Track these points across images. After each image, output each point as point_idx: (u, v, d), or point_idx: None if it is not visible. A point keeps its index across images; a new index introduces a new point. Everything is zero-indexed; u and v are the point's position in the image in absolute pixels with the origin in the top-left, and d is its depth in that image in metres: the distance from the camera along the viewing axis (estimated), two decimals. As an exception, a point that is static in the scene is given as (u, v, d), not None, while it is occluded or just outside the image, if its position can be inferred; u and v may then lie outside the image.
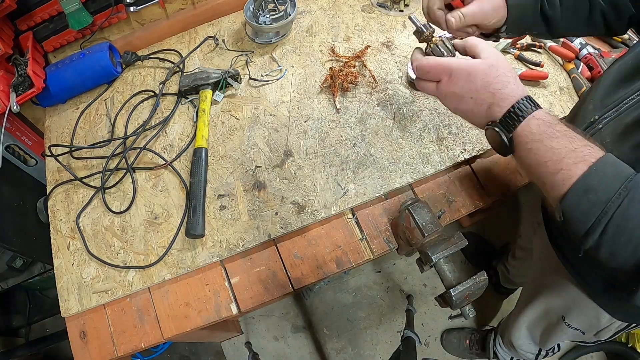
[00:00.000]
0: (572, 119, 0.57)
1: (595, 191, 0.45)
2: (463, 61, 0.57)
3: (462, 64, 0.56)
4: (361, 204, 0.83)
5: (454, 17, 0.64)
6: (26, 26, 0.95)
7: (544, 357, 1.12)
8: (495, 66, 0.55)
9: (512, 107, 0.52)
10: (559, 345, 1.06)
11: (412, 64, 0.62)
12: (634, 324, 0.76)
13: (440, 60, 0.58)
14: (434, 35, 0.64)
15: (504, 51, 0.98)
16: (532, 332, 1.05)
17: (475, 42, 0.59)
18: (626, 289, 0.59)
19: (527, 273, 0.94)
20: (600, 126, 0.61)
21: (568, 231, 0.50)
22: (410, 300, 1.57)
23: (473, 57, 0.58)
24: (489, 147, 0.86)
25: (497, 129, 0.53)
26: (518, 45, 0.98)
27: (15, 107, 0.85)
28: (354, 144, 0.88)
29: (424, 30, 0.64)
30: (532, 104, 0.52)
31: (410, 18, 0.67)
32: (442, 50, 0.62)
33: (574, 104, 0.80)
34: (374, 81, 0.94)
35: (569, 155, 0.47)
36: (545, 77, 0.93)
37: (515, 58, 0.97)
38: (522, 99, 0.52)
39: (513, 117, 0.52)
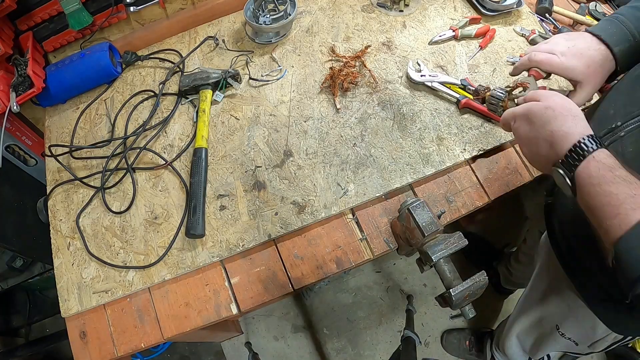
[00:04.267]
0: (588, 119, 0.57)
1: None
2: (523, 105, 0.60)
3: (522, 108, 0.60)
4: (361, 204, 0.83)
5: None
6: (26, 26, 0.95)
7: None
8: (551, 107, 0.56)
9: (573, 146, 0.52)
10: (549, 356, 1.04)
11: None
12: (630, 337, 0.74)
13: (509, 110, 0.63)
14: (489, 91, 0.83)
15: (465, 37, 0.99)
16: (522, 342, 1.04)
17: (535, 92, 0.62)
18: (630, 304, 0.58)
19: (529, 276, 0.94)
20: (623, 134, 0.59)
21: (618, 277, 0.48)
22: (410, 300, 1.57)
23: None
24: (489, 147, 0.87)
25: (560, 170, 0.53)
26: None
27: (15, 107, 0.85)
28: (354, 144, 0.88)
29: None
30: (594, 142, 0.51)
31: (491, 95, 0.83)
32: (497, 96, 0.81)
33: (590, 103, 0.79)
34: (374, 81, 0.94)
35: (628, 201, 0.46)
36: (491, 32, 0.98)
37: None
38: (583, 137, 0.52)
39: (574, 157, 0.52)
